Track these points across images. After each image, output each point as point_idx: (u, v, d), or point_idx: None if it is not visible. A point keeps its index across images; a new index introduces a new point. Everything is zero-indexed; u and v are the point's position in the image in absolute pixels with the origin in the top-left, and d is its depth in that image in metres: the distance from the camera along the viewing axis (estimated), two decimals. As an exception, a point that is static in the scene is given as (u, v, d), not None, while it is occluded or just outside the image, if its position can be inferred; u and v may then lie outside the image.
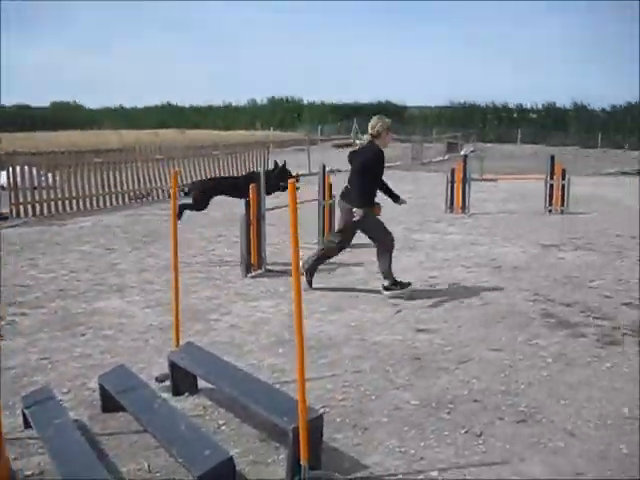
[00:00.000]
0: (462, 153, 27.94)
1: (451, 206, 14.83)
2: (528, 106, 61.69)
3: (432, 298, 7.48)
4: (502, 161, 32.37)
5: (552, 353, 5.78)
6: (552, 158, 15.46)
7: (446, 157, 34.37)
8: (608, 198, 18.17)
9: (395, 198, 7.80)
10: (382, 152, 7.43)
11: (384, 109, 65.01)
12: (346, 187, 7.54)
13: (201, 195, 9.93)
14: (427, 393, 4.90)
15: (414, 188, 19.73)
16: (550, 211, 14.88)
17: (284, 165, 10.26)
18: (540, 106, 61.24)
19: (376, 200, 7.48)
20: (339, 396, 4.84)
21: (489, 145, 46.91)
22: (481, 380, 5.16)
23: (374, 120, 7.52)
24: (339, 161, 27.40)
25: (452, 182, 14.95)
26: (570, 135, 53.38)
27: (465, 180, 14.89)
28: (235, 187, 9.91)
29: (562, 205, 14.97)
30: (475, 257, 9.69)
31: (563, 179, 15.04)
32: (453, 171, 15.06)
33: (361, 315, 6.86)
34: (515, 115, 60.59)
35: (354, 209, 7.29)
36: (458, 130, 49.10)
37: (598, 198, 17.94)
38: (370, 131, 7.47)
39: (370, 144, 7.47)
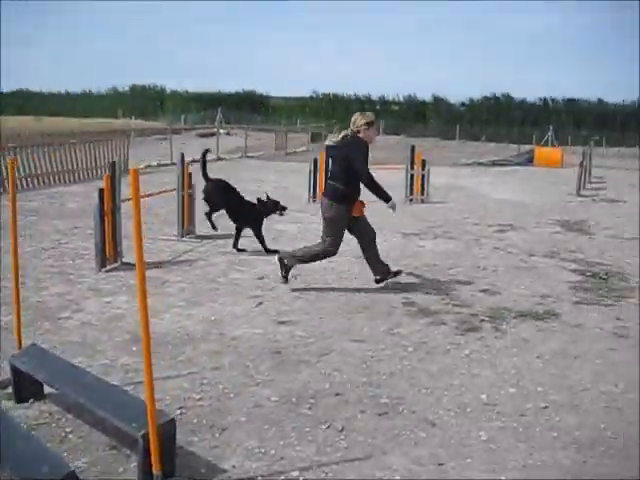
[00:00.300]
0: (326, 143, 28.10)
1: (314, 196, 14.81)
2: (390, 98, 63.40)
3: (294, 289, 7.36)
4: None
5: (413, 342, 5.78)
6: (412, 149, 15.77)
7: (310, 147, 34.48)
8: (466, 188, 18.76)
9: (386, 199, 7.33)
10: (367, 144, 7.21)
11: (248, 99, 64.84)
12: (328, 183, 7.27)
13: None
14: (288, 388, 4.76)
15: (278, 178, 19.65)
16: (411, 200, 15.16)
17: (267, 198, 9.46)
18: (401, 98, 63.01)
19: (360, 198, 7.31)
20: (196, 395, 4.62)
21: (352, 136, 47.41)
22: (343, 372, 5.07)
23: (355, 116, 7.29)
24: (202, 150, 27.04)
25: (315, 172, 14.94)
26: (430, 127, 55.01)
27: (328, 170, 14.89)
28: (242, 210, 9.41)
29: (422, 195, 15.31)
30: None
31: (423, 169, 15.37)
32: (316, 161, 15.05)
33: (221, 309, 6.64)
34: (378, 107, 61.84)
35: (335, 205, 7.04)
36: (322, 121, 49.59)
37: (456, 188, 18.50)
38: (351, 127, 7.21)
39: (353, 137, 7.18)
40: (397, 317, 6.49)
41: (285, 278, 7.42)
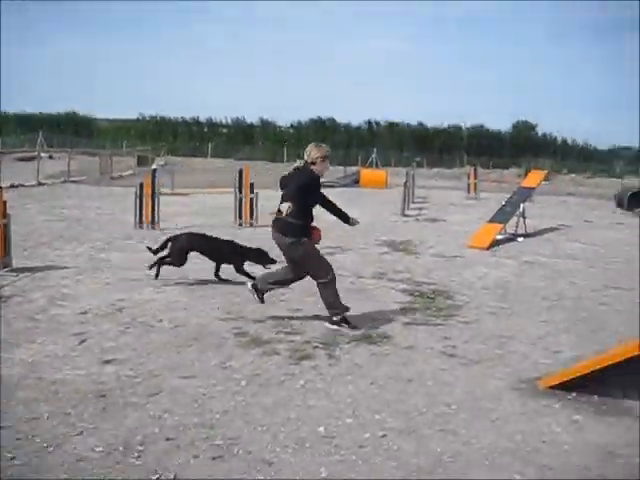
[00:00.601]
0: (153, 167, 27.57)
1: (141, 221, 14.34)
2: (218, 121, 63.23)
3: (120, 324, 6.96)
4: (193, 175, 32.51)
5: (246, 375, 5.58)
6: (240, 172, 15.67)
7: (137, 171, 33.65)
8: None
9: (346, 219, 7.48)
10: (318, 177, 6.98)
11: (71, 120, 62.52)
12: (280, 218, 6.81)
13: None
14: (114, 436, 4.39)
15: (102, 204, 18.91)
16: (241, 225, 15.02)
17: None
18: (229, 121, 62.99)
19: (314, 224, 7.03)
20: (10, 454, 4.13)
21: (180, 159, 46.93)
22: (173, 414, 4.77)
23: (309, 147, 7.04)
24: (22, 175, 25.58)
25: (141, 196, 14.48)
26: (258, 149, 55.37)
27: (154, 194, 14.52)
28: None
29: (252, 218, 15.21)
30: (165, 275, 9.27)
31: (252, 193, 15.29)
32: (142, 185, 14.61)
33: (40, 349, 6.12)
34: (206, 129, 61.55)
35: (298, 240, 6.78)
36: (149, 144, 48.66)
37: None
38: (305, 158, 6.94)
39: (304, 168, 6.96)
40: (229, 348, 6.26)
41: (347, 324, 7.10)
